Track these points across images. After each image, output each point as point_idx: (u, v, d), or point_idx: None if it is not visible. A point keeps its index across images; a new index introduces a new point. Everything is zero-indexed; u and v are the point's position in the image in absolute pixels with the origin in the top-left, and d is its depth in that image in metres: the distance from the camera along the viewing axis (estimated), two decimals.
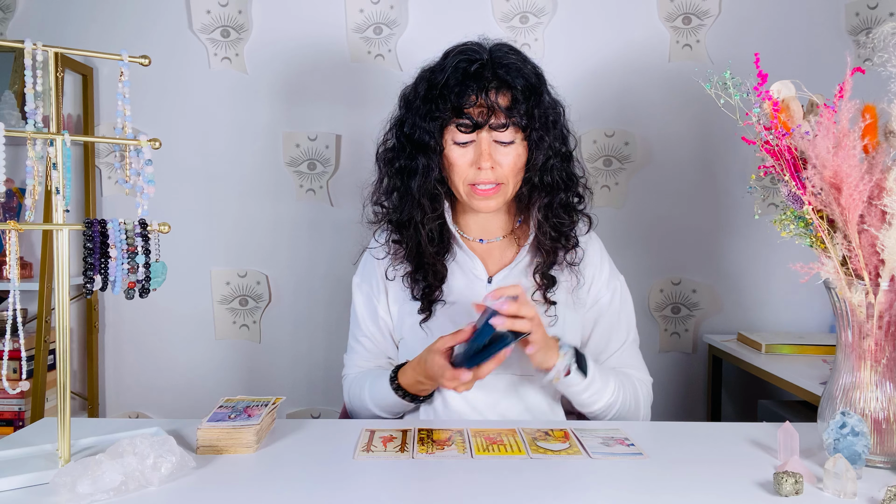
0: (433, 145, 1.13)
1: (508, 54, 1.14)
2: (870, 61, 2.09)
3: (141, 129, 2.01)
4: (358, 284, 1.29)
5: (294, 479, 0.85)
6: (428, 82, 1.15)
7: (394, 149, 1.20)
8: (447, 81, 1.11)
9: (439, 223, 1.20)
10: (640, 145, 2.12)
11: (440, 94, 1.12)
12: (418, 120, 1.14)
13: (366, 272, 1.29)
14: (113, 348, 2.14)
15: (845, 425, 0.86)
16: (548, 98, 1.17)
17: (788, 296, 2.12)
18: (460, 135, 1.12)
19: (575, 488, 0.83)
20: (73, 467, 0.78)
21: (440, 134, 1.14)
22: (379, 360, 1.28)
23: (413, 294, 1.20)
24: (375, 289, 1.26)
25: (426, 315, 1.19)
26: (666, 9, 2.10)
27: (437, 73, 1.14)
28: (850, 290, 0.90)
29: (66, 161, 0.87)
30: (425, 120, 1.13)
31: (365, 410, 1.22)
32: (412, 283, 1.20)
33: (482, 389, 1.14)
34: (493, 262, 1.23)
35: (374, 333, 1.27)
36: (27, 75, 0.85)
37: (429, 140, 1.13)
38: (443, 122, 1.13)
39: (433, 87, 1.13)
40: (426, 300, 1.19)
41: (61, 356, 0.87)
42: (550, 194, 1.17)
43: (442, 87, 1.11)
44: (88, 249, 0.84)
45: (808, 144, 0.89)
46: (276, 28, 2.09)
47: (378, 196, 1.24)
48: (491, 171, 1.12)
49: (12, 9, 2.07)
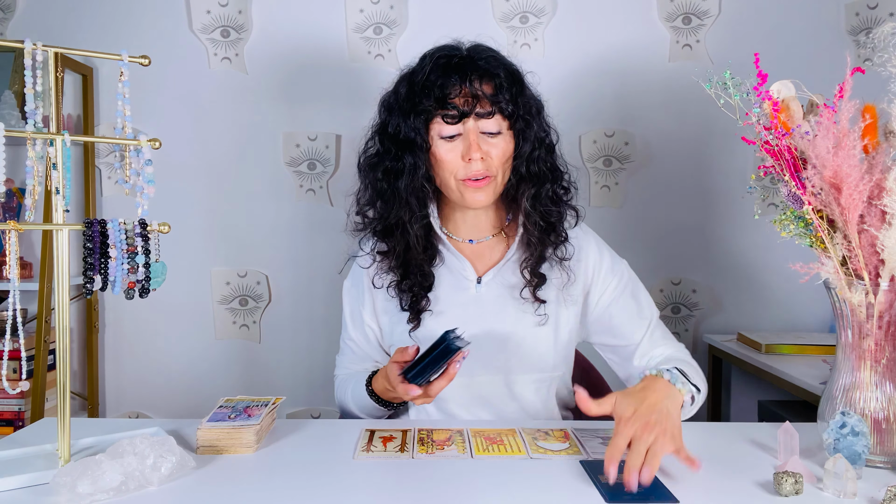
0: (420, 142, 1.11)
1: (486, 49, 1.15)
2: (870, 61, 2.09)
3: (141, 129, 2.01)
4: (347, 290, 1.30)
5: (294, 479, 0.85)
6: (408, 82, 1.14)
7: (377, 153, 1.19)
8: (428, 76, 1.10)
9: (425, 228, 1.18)
10: (640, 145, 2.12)
11: (422, 88, 1.10)
12: (402, 119, 1.13)
13: (354, 280, 1.29)
14: (113, 348, 2.14)
15: (845, 425, 0.86)
16: (528, 91, 1.17)
17: (788, 296, 2.12)
18: (447, 127, 1.10)
19: (575, 488, 0.83)
20: (73, 467, 0.78)
21: (426, 130, 1.12)
22: (365, 363, 1.29)
23: (401, 304, 1.19)
24: (361, 297, 1.26)
25: (415, 324, 1.18)
26: (666, 9, 2.10)
27: (417, 72, 1.14)
28: (850, 290, 0.90)
29: (66, 161, 0.87)
30: (409, 117, 1.12)
31: (349, 412, 1.23)
32: (399, 293, 1.19)
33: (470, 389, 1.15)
34: (482, 261, 1.22)
35: (359, 339, 1.27)
36: (27, 75, 0.85)
37: (415, 136, 1.11)
38: (427, 116, 1.11)
39: (414, 84, 1.12)
40: (414, 310, 1.17)
41: (61, 356, 0.87)
42: (537, 185, 1.16)
43: (424, 83, 1.11)
44: (88, 249, 0.84)
45: (808, 144, 0.89)
46: (276, 28, 2.10)
47: (361, 206, 1.22)
48: (481, 163, 1.10)
49: (12, 9, 2.08)
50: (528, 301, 1.17)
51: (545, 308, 1.17)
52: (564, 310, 1.19)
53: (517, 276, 1.18)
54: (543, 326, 1.17)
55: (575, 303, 1.20)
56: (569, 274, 1.19)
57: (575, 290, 1.20)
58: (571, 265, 1.19)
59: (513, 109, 1.11)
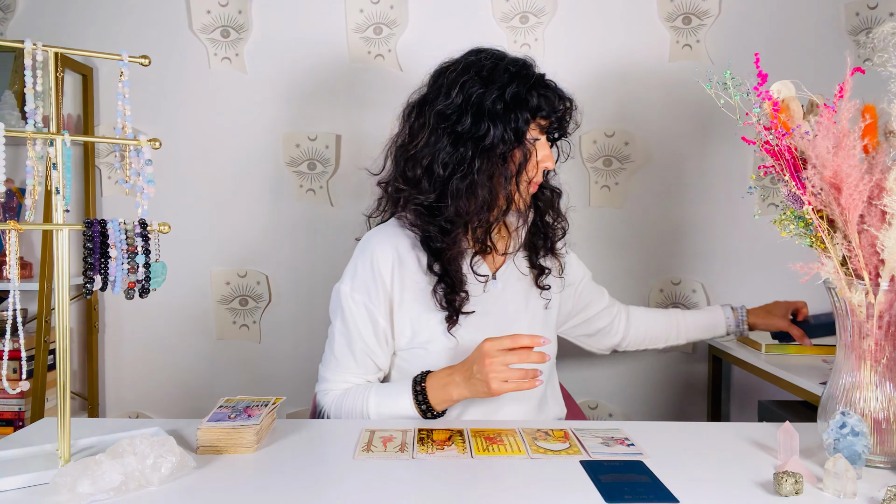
0: (521, 133, 1.13)
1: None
2: (870, 61, 2.08)
3: (141, 129, 2.01)
4: (350, 295, 1.18)
5: (294, 479, 0.85)
6: (512, 73, 1.13)
7: (460, 120, 1.13)
8: (538, 81, 1.16)
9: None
10: (640, 145, 2.12)
11: (534, 84, 1.14)
12: (508, 102, 1.12)
13: (363, 281, 1.18)
14: (113, 348, 2.14)
15: (845, 425, 0.86)
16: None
17: (788, 296, 2.11)
18: (538, 132, 1.18)
19: (575, 488, 0.83)
20: (73, 467, 0.78)
21: (527, 127, 1.15)
22: (369, 375, 1.21)
23: (440, 303, 1.18)
24: (376, 299, 1.18)
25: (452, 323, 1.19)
26: (666, 9, 2.10)
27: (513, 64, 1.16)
28: (850, 290, 0.90)
29: (66, 161, 0.87)
30: (517, 106, 1.12)
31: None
32: (433, 292, 1.18)
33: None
34: (490, 258, 1.28)
35: (374, 347, 1.19)
36: (27, 75, 0.85)
37: (521, 125, 1.12)
38: (534, 114, 1.15)
39: (525, 77, 1.14)
40: (452, 308, 1.18)
41: (61, 356, 0.87)
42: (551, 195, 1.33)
43: (538, 81, 1.16)
44: (88, 249, 0.84)
45: (808, 144, 0.89)
46: (276, 28, 2.09)
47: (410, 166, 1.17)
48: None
49: (12, 9, 2.07)
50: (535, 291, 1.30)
51: (548, 294, 1.32)
52: (558, 295, 1.35)
53: (523, 267, 1.30)
54: (549, 312, 1.32)
55: (563, 287, 1.38)
56: (561, 261, 1.35)
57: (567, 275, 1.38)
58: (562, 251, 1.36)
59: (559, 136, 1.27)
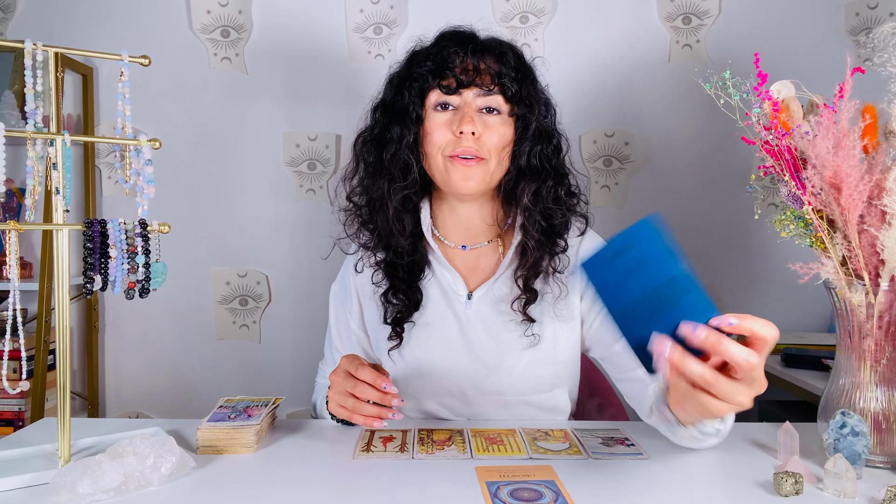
0: (411, 110, 1.03)
1: (498, 37, 1.09)
2: (870, 61, 2.08)
3: (141, 129, 2.01)
4: (334, 294, 1.22)
5: (294, 479, 0.85)
6: (412, 53, 1.09)
7: (371, 128, 1.11)
8: (432, 46, 1.06)
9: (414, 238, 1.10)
10: (640, 145, 2.12)
11: (424, 57, 1.04)
12: (398, 87, 1.06)
13: (342, 284, 1.21)
14: (113, 348, 2.14)
15: (845, 425, 0.86)
16: (539, 84, 1.09)
17: (788, 296, 2.12)
18: (442, 96, 1.02)
19: (574, 488, 0.82)
20: (73, 467, 0.78)
21: (420, 100, 1.03)
22: None
23: (385, 317, 1.10)
24: (349, 303, 1.19)
25: (397, 342, 1.10)
26: (666, 9, 2.10)
27: (424, 47, 1.09)
28: (850, 290, 0.90)
29: (66, 161, 0.87)
30: (405, 84, 1.04)
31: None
32: (386, 304, 1.11)
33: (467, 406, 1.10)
34: (474, 274, 1.13)
35: (343, 349, 1.20)
36: (27, 75, 0.85)
37: (407, 103, 1.03)
38: (423, 83, 1.02)
39: (417, 54, 1.07)
40: (397, 325, 1.09)
41: (61, 356, 0.87)
42: (538, 180, 1.06)
43: (426, 51, 1.06)
44: (88, 249, 0.84)
45: (808, 144, 0.89)
46: (276, 28, 2.09)
47: (350, 189, 1.13)
48: (473, 140, 1.01)
49: (12, 9, 2.07)
50: (517, 320, 1.08)
51: (539, 328, 1.08)
52: (561, 325, 1.10)
53: (510, 291, 1.09)
54: (537, 347, 1.08)
55: (573, 317, 1.11)
56: (561, 287, 1.09)
57: (572, 302, 1.11)
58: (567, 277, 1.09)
59: (516, 90, 1.02)
